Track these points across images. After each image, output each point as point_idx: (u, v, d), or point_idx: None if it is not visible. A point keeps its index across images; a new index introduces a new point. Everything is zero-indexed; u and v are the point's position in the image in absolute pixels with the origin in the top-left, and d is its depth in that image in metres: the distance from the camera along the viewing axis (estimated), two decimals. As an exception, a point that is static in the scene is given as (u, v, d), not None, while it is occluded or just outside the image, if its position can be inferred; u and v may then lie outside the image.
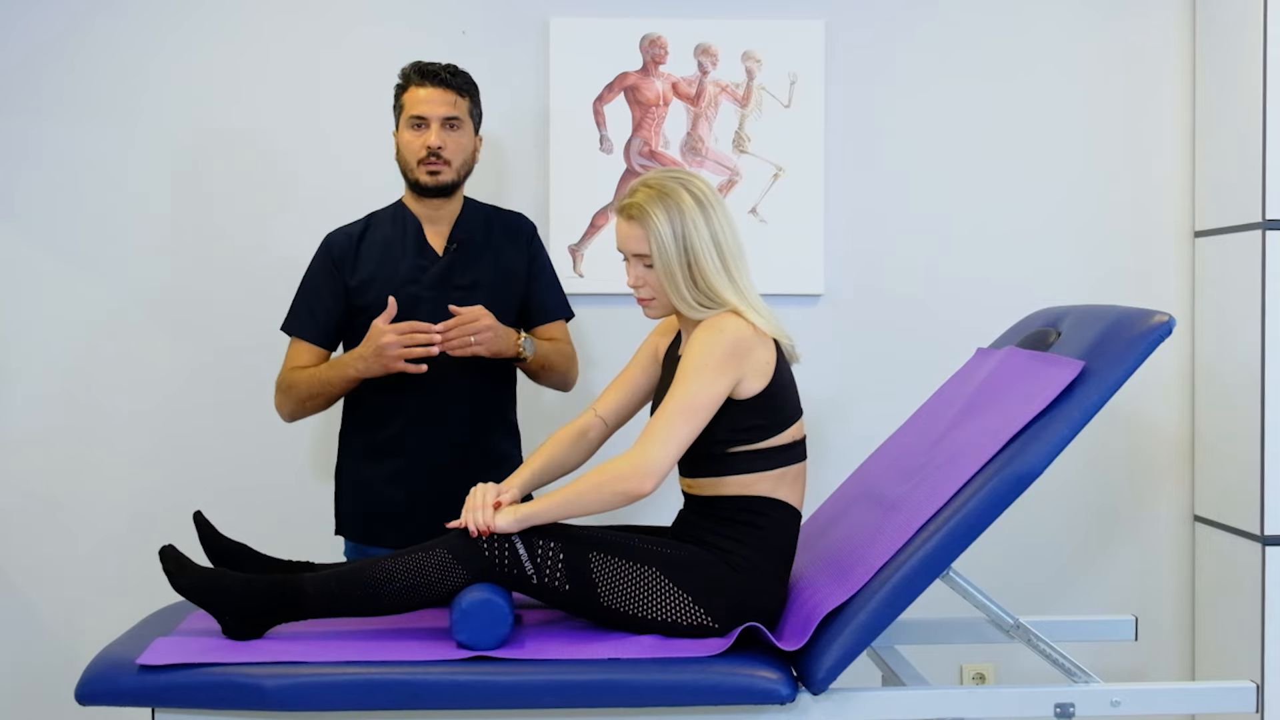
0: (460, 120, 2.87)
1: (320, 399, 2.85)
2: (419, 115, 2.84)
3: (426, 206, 2.91)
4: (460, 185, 2.91)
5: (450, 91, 2.85)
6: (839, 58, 3.48)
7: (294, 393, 2.86)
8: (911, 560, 2.26)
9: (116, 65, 3.41)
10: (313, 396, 2.85)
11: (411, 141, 2.86)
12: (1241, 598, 3.29)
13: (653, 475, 2.30)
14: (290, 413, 2.90)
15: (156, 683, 2.22)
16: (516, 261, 2.97)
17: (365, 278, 2.87)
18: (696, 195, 2.39)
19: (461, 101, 2.87)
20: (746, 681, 2.21)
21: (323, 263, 2.91)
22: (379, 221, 2.94)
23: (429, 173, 2.85)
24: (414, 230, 2.91)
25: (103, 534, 3.45)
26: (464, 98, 2.88)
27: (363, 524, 2.92)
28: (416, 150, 2.85)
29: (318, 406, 2.88)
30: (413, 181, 2.88)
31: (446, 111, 2.84)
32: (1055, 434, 2.29)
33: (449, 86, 2.85)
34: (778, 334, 2.42)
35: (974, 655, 3.50)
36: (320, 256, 2.93)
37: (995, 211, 3.52)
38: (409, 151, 2.87)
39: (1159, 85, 3.53)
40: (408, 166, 2.88)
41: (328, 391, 2.84)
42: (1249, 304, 3.26)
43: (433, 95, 2.84)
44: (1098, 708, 2.30)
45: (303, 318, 2.91)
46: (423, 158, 2.85)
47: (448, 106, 2.84)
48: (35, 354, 3.43)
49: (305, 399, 2.86)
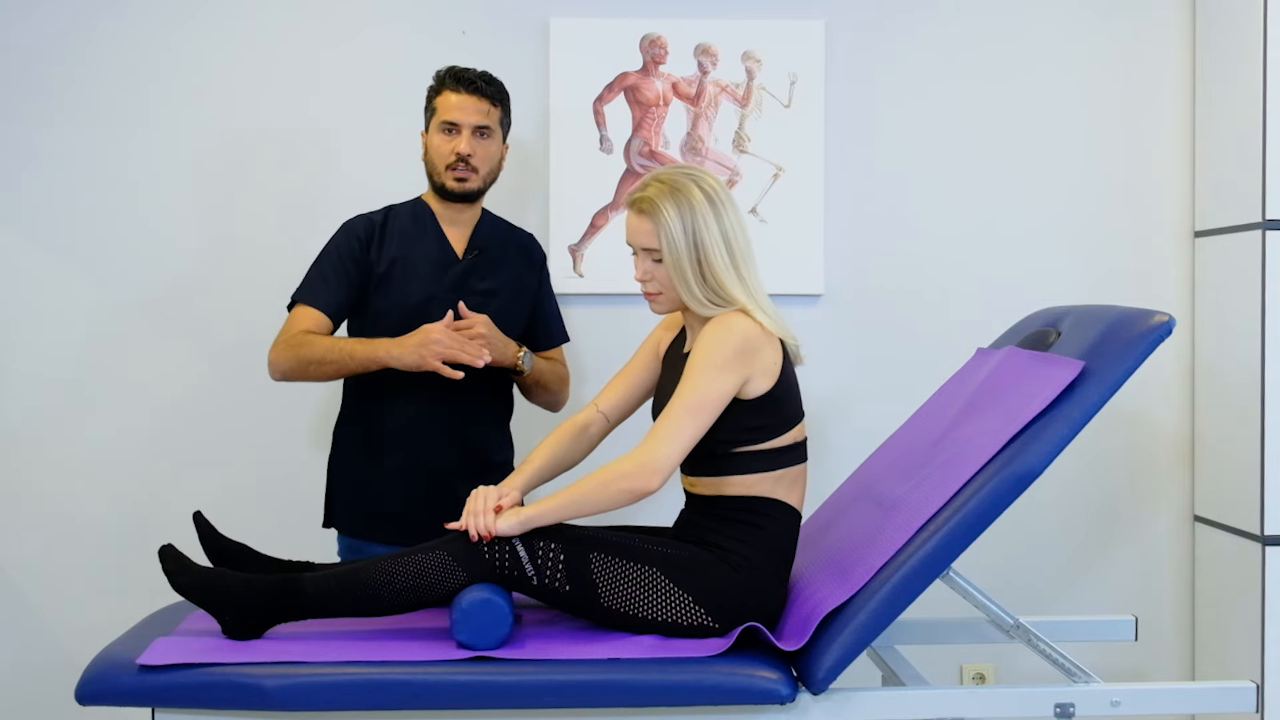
0: (491, 129, 2.87)
1: (331, 367, 2.76)
2: (451, 121, 2.84)
3: (448, 209, 2.92)
4: (484, 192, 2.92)
5: (484, 100, 2.85)
6: (839, 58, 3.48)
7: (304, 351, 2.76)
8: (911, 560, 2.26)
9: (118, 67, 3.41)
10: (325, 362, 2.75)
11: (441, 146, 2.86)
12: (1241, 598, 3.29)
13: (659, 473, 2.30)
14: (287, 371, 2.79)
15: (156, 683, 2.22)
16: (529, 279, 3.01)
17: (390, 260, 2.87)
18: (708, 191, 2.39)
19: (494, 110, 2.87)
20: (746, 681, 2.21)
21: (346, 239, 2.88)
22: (398, 214, 2.94)
23: (456, 179, 2.86)
24: (434, 229, 2.91)
25: (103, 534, 3.45)
26: (496, 106, 2.88)
27: (362, 521, 2.92)
28: (446, 155, 2.85)
29: (323, 375, 2.78)
30: (439, 185, 2.89)
31: (479, 120, 2.85)
32: (1055, 434, 2.29)
33: (483, 95, 2.85)
34: (784, 334, 2.43)
35: (974, 655, 3.50)
36: (343, 235, 2.90)
37: (995, 211, 3.52)
38: (438, 155, 2.87)
39: (1159, 85, 3.53)
40: (435, 170, 2.88)
41: (344, 363, 2.75)
42: (1249, 304, 3.26)
43: (466, 102, 2.84)
44: (1098, 708, 2.30)
45: (317, 288, 2.85)
46: (451, 163, 2.85)
47: (480, 115, 2.85)
48: (35, 354, 3.43)
49: (315, 361, 2.76)
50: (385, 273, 2.87)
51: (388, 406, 2.87)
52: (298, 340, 2.79)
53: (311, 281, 2.87)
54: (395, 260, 2.87)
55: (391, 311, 2.85)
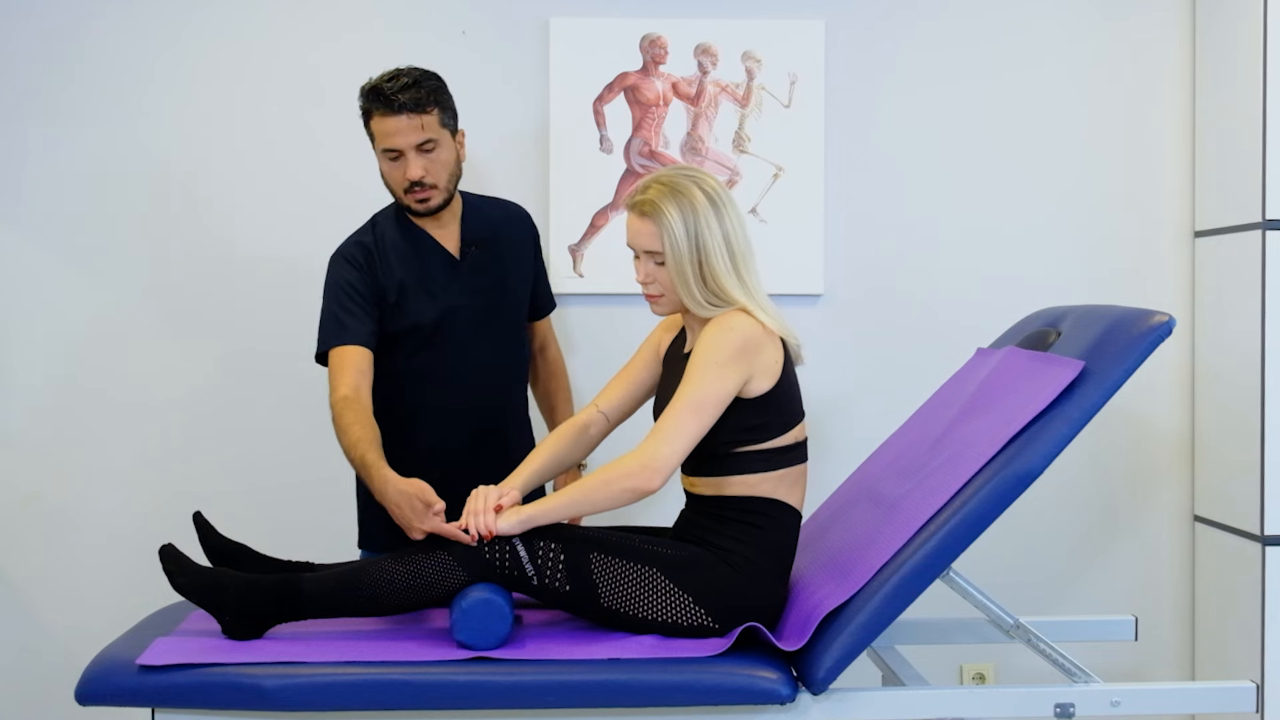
0: (434, 140, 2.71)
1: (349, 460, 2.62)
2: (390, 148, 2.71)
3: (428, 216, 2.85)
4: (454, 194, 2.83)
5: (415, 115, 2.68)
6: (839, 58, 3.48)
7: (339, 433, 2.61)
8: (911, 560, 2.26)
9: (118, 67, 3.40)
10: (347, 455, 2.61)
11: (391, 172, 2.74)
12: (1241, 598, 3.29)
13: (661, 471, 2.31)
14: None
15: (156, 683, 2.22)
16: (525, 254, 2.97)
17: (397, 285, 2.78)
18: (709, 192, 2.39)
19: (430, 119, 2.70)
20: (746, 681, 2.21)
21: (349, 270, 2.76)
22: (384, 228, 2.84)
23: (418, 201, 2.75)
24: (424, 238, 2.84)
25: (103, 534, 3.45)
26: (430, 113, 2.70)
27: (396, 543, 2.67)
28: (400, 181, 2.74)
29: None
30: (405, 208, 2.80)
31: (418, 138, 2.69)
32: (1055, 434, 2.29)
33: (413, 110, 2.67)
34: (785, 334, 2.43)
35: (974, 655, 3.50)
36: (344, 266, 2.77)
37: (995, 211, 3.52)
38: (393, 182, 2.76)
39: (1159, 85, 3.53)
40: (395, 194, 2.79)
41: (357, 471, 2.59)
42: (1249, 304, 3.26)
43: (398, 125, 2.68)
44: (1098, 708, 2.30)
45: (346, 325, 2.71)
46: (407, 187, 2.74)
47: (416, 132, 2.68)
48: (35, 354, 3.43)
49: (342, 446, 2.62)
50: (397, 300, 2.78)
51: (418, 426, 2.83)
52: (339, 412, 2.62)
53: (337, 319, 2.73)
54: (402, 284, 2.79)
55: (414, 332, 2.79)
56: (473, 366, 2.83)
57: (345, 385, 2.66)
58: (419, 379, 2.82)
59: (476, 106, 3.22)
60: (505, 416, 2.91)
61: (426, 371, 2.82)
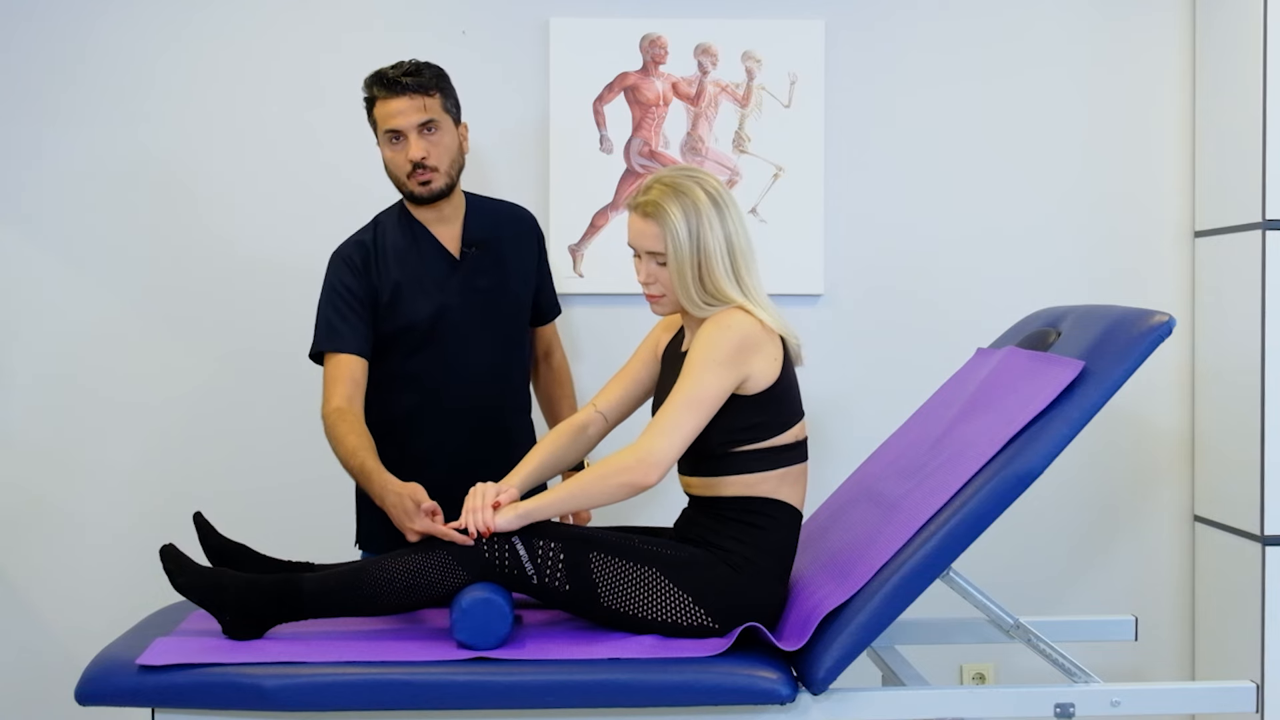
0: (437, 121, 2.75)
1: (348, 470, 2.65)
2: (393, 129, 2.74)
3: (431, 210, 2.85)
4: (456, 183, 2.85)
5: (418, 96, 2.73)
6: (839, 58, 3.48)
7: (333, 443, 2.65)
8: (911, 560, 2.26)
9: (118, 67, 3.41)
10: (344, 464, 2.65)
11: (394, 157, 2.77)
12: (1241, 598, 3.29)
13: (658, 466, 2.31)
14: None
15: (156, 683, 2.22)
16: (529, 259, 2.96)
17: (393, 285, 2.79)
18: (711, 193, 2.39)
19: (432, 101, 2.74)
20: (746, 681, 2.21)
21: (345, 272, 2.78)
22: (386, 228, 2.86)
23: (420, 184, 2.77)
24: (425, 236, 2.85)
25: (103, 534, 3.45)
26: (433, 96, 2.75)
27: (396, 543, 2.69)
28: (402, 165, 2.77)
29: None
30: (407, 194, 2.82)
31: (420, 118, 2.73)
32: (1055, 434, 2.29)
33: (416, 91, 2.72)
34: (785, 332, 2.43)
35: (974, 655, 3.50)
36: (341, 268, 2.79)
37: (995, 211, 3.52)
38: (395, 167, 2.79)
39: (1159, 85, 3.53)
40: (398, 181, 2.81)
41: (356, 480, 2.63)
42: (1249, 304, 3.26)
43: (401, 106, 2.72)
44: (1098, 708, 2.30)
45: (339, 331, 2.74)
46: (410, 171, 2.77)
47: (419, 112, 2.73)
48: (36, 354, 3.43)
49: (338, 457, 2.65)
50: (390, 299, 2.79)
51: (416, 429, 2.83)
52: (332, 423, 2.66)
53: (330, 324, 2.75)
54: (397, 283, 2.80)
55: (409, 332, 2.80)
56: (471, 368, 2.83)
57: (338, 396, 2.70)
58: (417, 380, 2.82)
59: (477, 106, 3.22)
60: (505, 418, 2.91)
61: (424, 373, 2.82)
